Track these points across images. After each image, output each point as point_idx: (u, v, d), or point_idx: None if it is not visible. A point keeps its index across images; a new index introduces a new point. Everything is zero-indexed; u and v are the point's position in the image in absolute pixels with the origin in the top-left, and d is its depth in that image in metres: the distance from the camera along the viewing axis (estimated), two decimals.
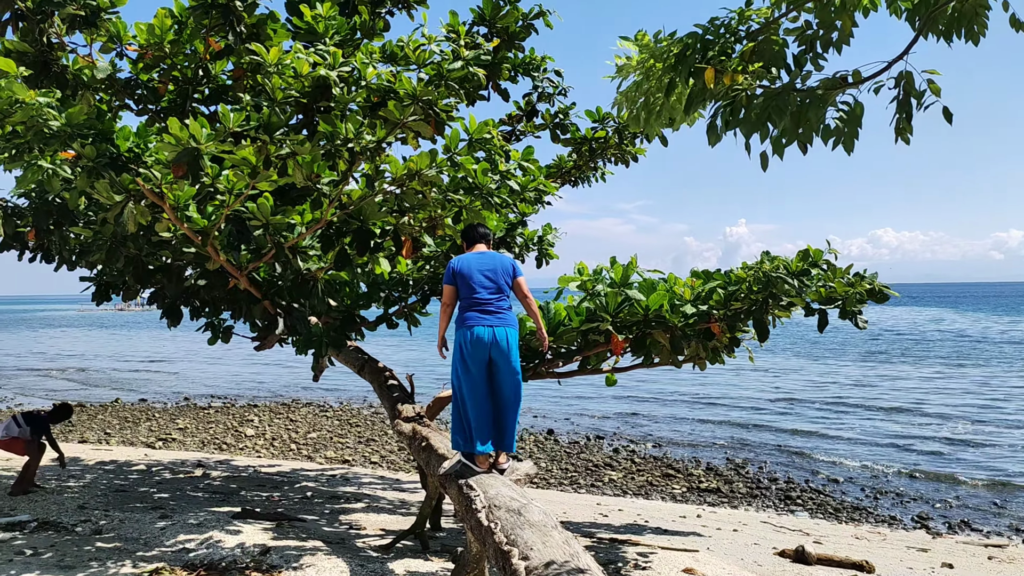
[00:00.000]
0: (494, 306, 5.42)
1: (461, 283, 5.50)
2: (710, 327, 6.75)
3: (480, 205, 6.69)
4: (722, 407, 21.21)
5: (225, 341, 9.44)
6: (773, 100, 3.19)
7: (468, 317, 5.44)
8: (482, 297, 5.44)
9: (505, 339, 5.40)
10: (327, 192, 6.16)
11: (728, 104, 3.43)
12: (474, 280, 5.46)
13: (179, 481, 10.33)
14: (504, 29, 8.01)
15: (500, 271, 5.51)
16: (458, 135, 6.00)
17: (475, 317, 5.40)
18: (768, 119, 3.27)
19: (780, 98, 3.15)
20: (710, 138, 3.61)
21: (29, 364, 36.70)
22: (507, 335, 5.42)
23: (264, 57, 5.35)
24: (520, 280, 5.62)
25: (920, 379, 26.83)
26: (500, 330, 5.39)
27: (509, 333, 5.44)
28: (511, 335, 5.46)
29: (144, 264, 6.86)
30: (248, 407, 21.24)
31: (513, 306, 5.81)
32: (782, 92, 3.18)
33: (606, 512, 10.11)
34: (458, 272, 5.51)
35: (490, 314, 5.39)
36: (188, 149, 5.30)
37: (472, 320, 5.40)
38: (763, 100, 3.25)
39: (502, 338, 5.39)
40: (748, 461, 14.47)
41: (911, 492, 12.18)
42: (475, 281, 5.45)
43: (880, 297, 5.88)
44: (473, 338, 5.35)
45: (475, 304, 5.43)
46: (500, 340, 5.38)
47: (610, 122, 9.32)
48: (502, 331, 5.40)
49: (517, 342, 5.53)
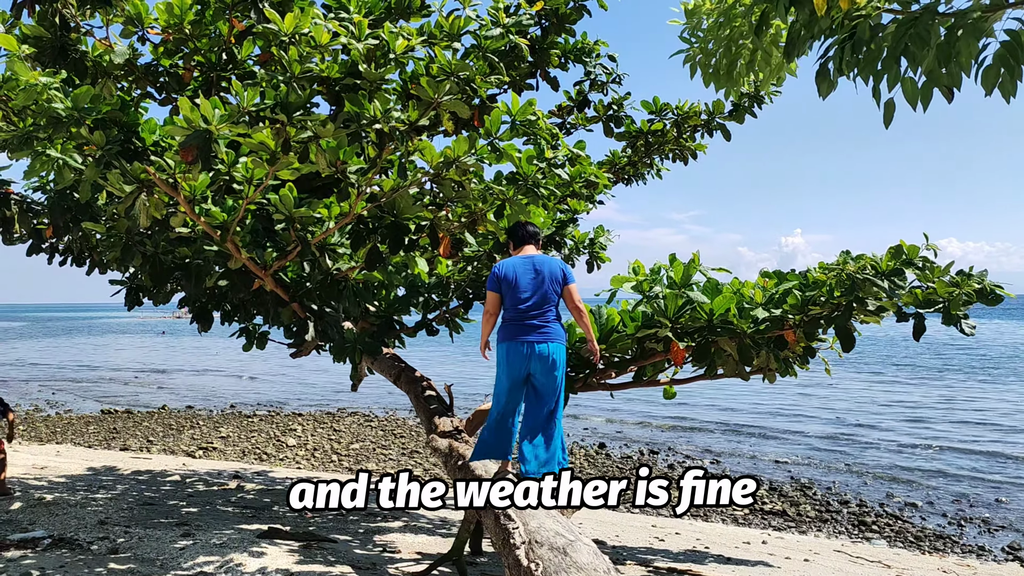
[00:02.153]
0: (539, 320, 5.05)
1: (506, 291, 5.14)
2: (784, 334, 5.98)
3: (525, 198, 6.04)
4: (783, 421, 20.13)
5: (260, 347, 8.97)
6: (909, 30, 2.41)
7: (511, 330, 5.10)
8: (526, 309, 5.07)
9: (548, 355, 5.04)
10: (355, 182, 5.57)
11: (846, 38, 2.68)
12: (520, 289, 5.09)
13: (212, 494, 9.87)
14: (553, 11, 7.34)
15: (548, 278, 5.12)
16: (499, 116, 5.36)
17: (518, 331, 5.06)
18: (903, 55, 2.50)
19: (919, 26, 2.38)
20: (821, 86, 2.85)
21: (104, 371, 37.20)
22: (551, 351, 5.05)
23: (279, 25, 4.78)
24: (571, 288, 5.20)
25: (1000, 396, 25.24)
26: (543, 346, 5.03)
27: (553, 349, 5.07)
28: (555, 351, 5.09)
29: (161, 263, 6.36)
30: (293, 415, 20.90)
31: (562, 315, 5.35)
32: (921, 19, 2.40)
33: (662, 535, 9.33)
34: (503, 279, 5.15)
35: (534, 330, 5.03)
36: (198, 132, 4.76)
37: (514, 333, 5.06)
38: (894, 31, 2.48)
39: (545, 353, 5.03)
40: (814, 481, 13.49)
41: (998, 519, 11.10)
42: (520, 290, 5.09)
43: (993, 299, 5.02)
44: (513, 351, 5.02)
45: (519, 317, 5.08)
46: (543, 354, 5.02)
47: (668, 114, 8.59)
48: (545, 347, 5.03)
49: (564, 358, 5.17)
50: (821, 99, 2.87)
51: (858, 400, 24.25)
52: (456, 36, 5.42)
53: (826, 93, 2.84)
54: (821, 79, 2.82)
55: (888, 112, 2.63)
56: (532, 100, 5.33)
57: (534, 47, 7.33)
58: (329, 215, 6.01)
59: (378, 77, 5.01)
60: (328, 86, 5.71)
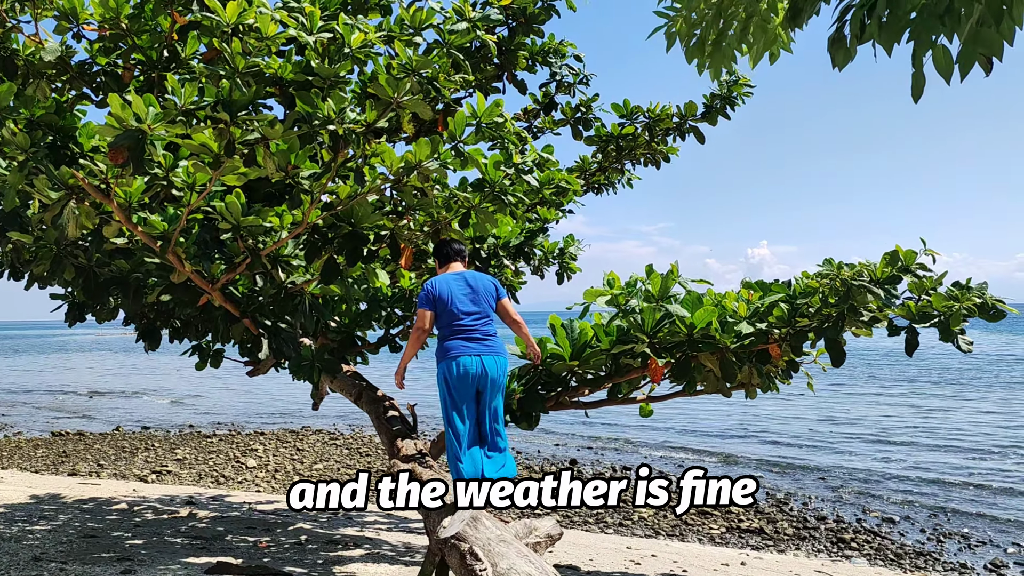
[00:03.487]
0: (480, 332, 5.03)
1: (441, 309, 5.11)
2: (768, 348, 5.64)
3: (491, 206, 5.64)
4: (756, 434, 19.91)
5: (215, 366, 8.48)
6: None
7: (452, 347, 5.04)
8: (466, 323, 5.03)
9: (495, 369, 5.03)
10: (308, 188, 5.13)
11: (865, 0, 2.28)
12: (456, 304, 5.08)
13: (160, 523, 9.27)
14: (521, 10, 6.97)
15: (483, 293, 5.16)
16: (464, 119, 4.96)
17: (460, 346, 5.00)
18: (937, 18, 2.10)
19: None
20: (836, 55, 2.46)
21: (40, 391, 36.02)
22: (497, 365, 5.05)
23: (220, 14, 4.34)
24: (505, 302, 5.27)
25: (974, 408, 25.25)
26: (489, 359, 5.00)
27: (499, 363, 5.09)
28: (501, 364, 5.11)
29: (96, 276, 5.85)
30: (255, 434, 20.21)
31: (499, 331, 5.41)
32: None
33: (638, 559, 8.94)
34: (438, 297, 5.13)
35: (477, 341, 4.99)
36: (130, 131, 4.29)
37: (457, 350, 5.00)
38: None
39: (492, 368, 5.00)
40: (790, 496, 13.21)
41: (978, 535, 10.89)
42: (457, 305, 5.07)
43: (994, 315, 4.70)
44: (460, 371, 4.93)
45: (459, 331, 5.03)
46: (490, 371, 4.98)
47: (639, 117, 8.26)
48: (491, 360, 5.01)
49: (507, 372, 5.24)
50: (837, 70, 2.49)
51: (830, 411, 24.15)
52: (418, 30, 5.01)
53: (843, 63, 2.45)
54: (836, 47, 2.42)
55: (916, 85, 2.25)
56: (499, 101, 4.96)
57: (501, 48, 6.95)
58: (281, 224, 5.55)
59: (332, 74, 4.59)
60: (282, 88, 5.28)
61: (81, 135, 5.48)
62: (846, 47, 2.41)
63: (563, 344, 6.17)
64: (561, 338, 6.21)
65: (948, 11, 2.05)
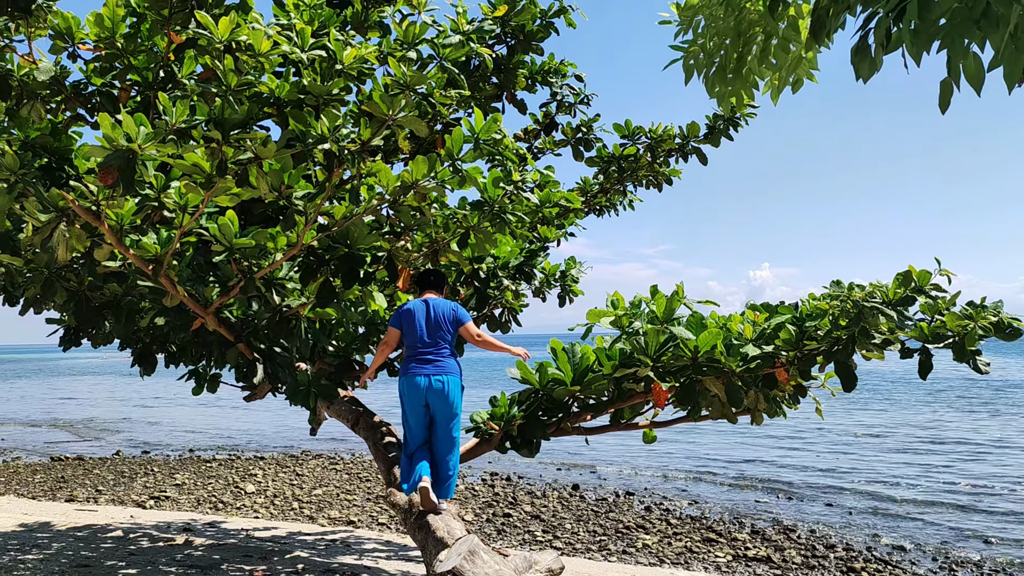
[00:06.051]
0: (432, 355, 5.65)
1: (407, 328, 5.74)
2: (775, 372, 5.49)
3: (491, 225, 5.52)
4: (763, 459, 19.64)
5: (212, 391, 8.34)
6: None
7: (408, 367, 5.72)
8: (420, 348, 5.68)
9: (442, 385, 5.62)
10: (302, 208, 5.02)
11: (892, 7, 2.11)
12: (416, 329, 5.69)
13: (156, 551, 9.08)
14: (520, 28, 6.89)
15: (443, 321, 5.69)
16: (461, 136, 4.85)
17: (414, 367, 5.68)
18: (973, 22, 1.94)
19: None
20: (860, 67, 2.30)
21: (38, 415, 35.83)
22: (444, 382, 5.64)
23: (212, 31, 4.25)
24: (467, 326, 5.77)
25: (987, 429, 24.93)
26: (436, 378, 5.62)
27: (446, 380, 5.65)
28: (449, 381, 5.66)
29: (88, 300, 5.73)
30: (254, 459, 20.01)
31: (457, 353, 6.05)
32: None
33: None
34: (403, 317, 5.75)
35: (428, 363, 5.64)
36: (119, 151, 4.19)
37: (412, 369, 5.68)
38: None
39: (438, 384, 5.62)
40: (798, 522, 12.96)
41: (991, 563, 10.64)
42: (417, 331, 5.69)
43: (1011, 333, 4.55)
44: (411, 384, 5.63)
45: (415, 354, 5.71)
46: (436, 386, 5.61)
47: (641, 137, 8.16)
48: (438, 379, 5.62)
49: (458, 389, 5.75)
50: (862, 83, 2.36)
51: (837, 432, 23.87)
52: (411, 44, 4.91)
53: (868, 75, 2.31)
54: (861, 58, 2.28)
55: (945, 95, 2.11)
56: (497, 117, 4.84)
57: (500, 67, 6.87)
58: (275, 246, 5.44)
59: (324, 92, 4.49)
60: (279, 107, 5.18)
61: (76, 157, 5.39)
62: (871, 57, 2.27)
63: (564, 368, 6.03)
64: (562, 362, 6.07)
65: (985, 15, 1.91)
